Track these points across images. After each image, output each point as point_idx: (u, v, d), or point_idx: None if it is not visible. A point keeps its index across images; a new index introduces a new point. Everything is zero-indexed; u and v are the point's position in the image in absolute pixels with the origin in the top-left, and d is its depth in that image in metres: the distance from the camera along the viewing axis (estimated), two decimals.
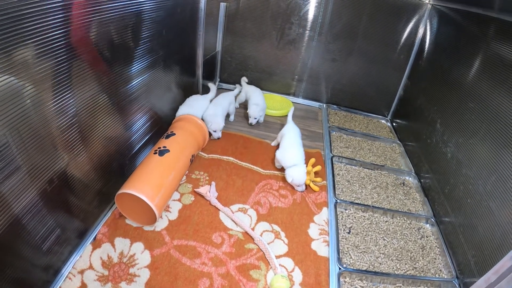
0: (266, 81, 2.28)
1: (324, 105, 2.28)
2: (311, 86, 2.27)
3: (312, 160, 1.55)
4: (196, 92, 1.93)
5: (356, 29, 2.01)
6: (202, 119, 1.62)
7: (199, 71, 1.88)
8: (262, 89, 2.26)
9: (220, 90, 2.22)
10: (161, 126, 1.52)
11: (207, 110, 1.67)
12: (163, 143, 1.31)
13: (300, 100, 2.32)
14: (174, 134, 1.37)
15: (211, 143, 1.64)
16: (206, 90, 1.94)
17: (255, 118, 1.86)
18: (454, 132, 1.39)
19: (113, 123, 1.09)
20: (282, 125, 1.75)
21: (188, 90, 1.81)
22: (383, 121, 2.22)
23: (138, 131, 1.31)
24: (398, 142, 1.94)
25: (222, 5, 2.01)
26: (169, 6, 1.33)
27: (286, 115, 2.10)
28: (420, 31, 1.96)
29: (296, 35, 2.08)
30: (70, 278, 0.93)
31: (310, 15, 2.00)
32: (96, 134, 1.00)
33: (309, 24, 2.03)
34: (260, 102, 1.88)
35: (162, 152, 1.24)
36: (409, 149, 1.83)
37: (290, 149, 1.49)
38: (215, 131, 1.64)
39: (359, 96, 2.24)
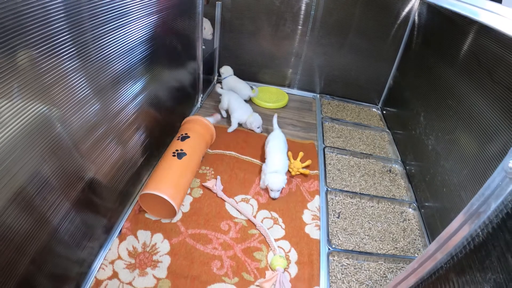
0: (262, 74, 2.40)
1: (318, 95, 2.42)
2: (305, 77, 2.39)
3: (301, 154, 1.71)
4: (197, 89, 2.06)
5: (347, 23, 2.11)
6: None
7: (200, 69, 2.01)
8: (258, 81, 2.40)
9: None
10: (169, 123, 1.67)
11: (243, 112, 1.88)
12: (179, 145, 1.46)
13: (295, 91, 2.45)
14: (189, 136, 1.52)
15: (215, 139, 1.80)
16: (206, 87, 2.08)
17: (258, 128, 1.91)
18: (435, 126, 1.54)
19: (131, 130, 1.24)
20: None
21: (191, 87, 1.95)
22: (374, 109, 2.37)
23: (151, 132, 1.46)
24: (387, 130, 2.10)
25: (218, 4, 2.10)
26: (171, 19, 1.44)
27: (283, 107, 2.25)
28: (409, 25, 2.06)
29: (290, 30, 2.18)
30: (103, 269, 1.11)
31: (303, 11, 2.10)
32: (118, 144, 1.16)
33: (301, 20, 2.13)
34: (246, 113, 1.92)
35: (180, 155, 1.40)
36: (397, 137, 1.99)
37: (273, 156, 1.55)
38: (258, 127, 1.86)
39: (351, 86, 2.37)
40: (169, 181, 1.29)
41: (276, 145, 1.62)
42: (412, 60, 2.01)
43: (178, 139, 1.53)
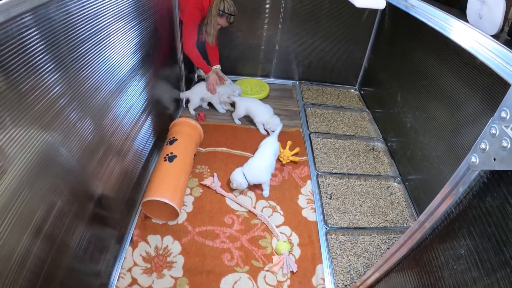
0: (241, 67, 2.45)
1: (297, 82, 2.50)
2: (283, 66, 2.46)
3: (289, 143, 1.80)
4: (181, 90, 2.10)
5: (318, 11, 2.18)
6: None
7: (182, 70, 2.03)
8: (238, 74, 2.45)
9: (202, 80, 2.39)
10: (160, 128, 1.71)
11: (265, 114, 1.92)
12: (169, 149, 1.52)
13: (274, 80, 2.52)
14: (176, 139, 1.58)
15: (205, 137, 1.86)
16: (188, 87, 2.12)
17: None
18: (411, 105, 1.66)
19: (128, 142, 1.29)
20: None
21: (175, 89, 1.98)
22: (352, 90, 2.48)
23: (144, 140, 1.50)
24: (367, 110, 2.23)
25: None
26: (152, 26, 1.46)
27: (265, 97, 2.32)
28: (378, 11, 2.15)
29: (263, 22, 2.22)
30: (122, 277, 1.18)
31: (274, 2, 2.14)
32: (118, 157, 1.21)
33: (273, 11, 2.18)
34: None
35: (171, 159, 1.46)
36: (377, 116, 2.12)
37: (257, 162, 1.55)
38: (273, 131, 1.86)
39: (328, 70, 2.47)
40: (165, 184, 1.35)
41: (266, 151, 1.61)
42: (385, 43, 2.11)
43: (167, 144, 1.58)
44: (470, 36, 0.61)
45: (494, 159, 0.47)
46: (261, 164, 1.54)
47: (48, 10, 0.75)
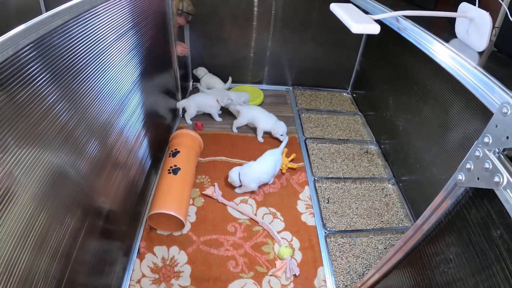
0: (235, 74, 2.49)
1: (291, 87, 2.56)
2: (276, 72, 2.52)
3: (285, 150, 1.85)
4: (175, 97, 2.14)
5: (308, 18, 2.24)
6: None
7: (178, 82, 2.07)
8: (232, 82, 2.48)
9: (195, 90, 2.44)
10: (159, 138, 1.75)
11: (268, 120, 1.97)
12: (172, 161, 1.56)
13: (268, 87, 2.58)
14: (179, 151, 1.62)
15: (204, 147, 1.90)
16: (184, 96, 2.17)
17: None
18: (403, 109, 1.73)
19: (131, 155, 1.33)
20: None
21: (172, 100, 2.02)
22: (344, 93, 2.56)
23: (146, 152, 1.54)
24: (359, 113, 2.30)
25: None
26: (149, 41, 1.50)
27: (260, 104, 2.37)
28: None
29: (254, 31, 2.28)
30: None
31: (264, 12, 2.20)
32: (123, 172, 1.25)
33: (264, 20, 2.24)
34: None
35: (175, 171, 1.50)
36: (369, 119, 2.19)
37: (256, 167, 1.61)
38: (282, 135, 1.93)
39: (321, 75, 2.53)
40: (171, 197, 1.40)
41: (268, 160, 1.65)
42: (376, 47, 2.18)
43: (169, 156, 1.62)
44: (455, 63, 0.67)
45: (478, 178, 0.53)
46: (255, 168, 1.61)
47: (52, 38, 0.78)
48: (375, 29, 0.84)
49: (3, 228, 0.63)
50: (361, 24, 0.84)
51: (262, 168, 1.61)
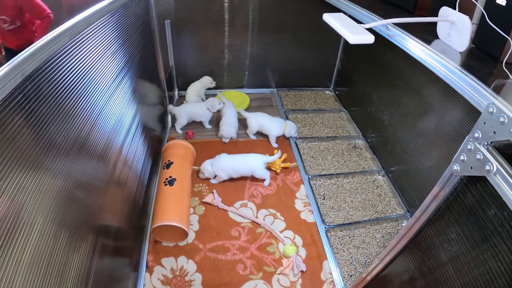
0: (219, 81, 2.52)
1: (275, 89, 2.63)
2: (259, 75, 2.57)
3: (276, 151, 1.91)
4: (166, 110, 2.15)
5: (285, 20, 2.31)
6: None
7: (166, 92, 2.09)
8: (217, 88, 2.51)
9: (181, 98, 2.45)
10: (152, 150, 1.74)
11: (278, 126, 2.03)
12: (167, 173, 1.58)
13: (253, 90, 2.63)
14: (172, 162, 1.64)
15: (198, 156, 1.92)
16: (171, 102, 2.18)
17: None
18: (387, 104, 1.82)
19: (132, 173, 1.34)
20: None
21: (160, 111, 2.03)
22: (327, 91, 2.65)
23: (144, 167, 1.55)
24: (344, 110, 2.39)
25: (167, 22, 2.15)
26: (138, 56, 1.51)
27: (247, 108, 2.42)
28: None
29: (234, 36, 2.32)
30: None
31: (242, 17, 2.25)
32: (124, 188, 1.26)
33: (242, 25, 2.29)
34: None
35: (171, 182, 1.52)
36: (354, 115, 2.29)
37: (225, 159, 1.74)
38: (295, 133, 2.03)
39: (303, 75, 2.61)
40: (171, 208, 1.42)
41: (239, 156, 1.78)
42: (355, 45, 2.27)
43: (164, 168, 1.64)
44: (446, 69, 0.75)
45: (471, 168, 0.61)
46: (225, 160, 1.73)
47: (47, 74, 0.76)
48: (370, 39, 0.91)
49: (25, 256, 0.63)
50: (357, 35, 0.91)
51: (232, 161, 1.73)
